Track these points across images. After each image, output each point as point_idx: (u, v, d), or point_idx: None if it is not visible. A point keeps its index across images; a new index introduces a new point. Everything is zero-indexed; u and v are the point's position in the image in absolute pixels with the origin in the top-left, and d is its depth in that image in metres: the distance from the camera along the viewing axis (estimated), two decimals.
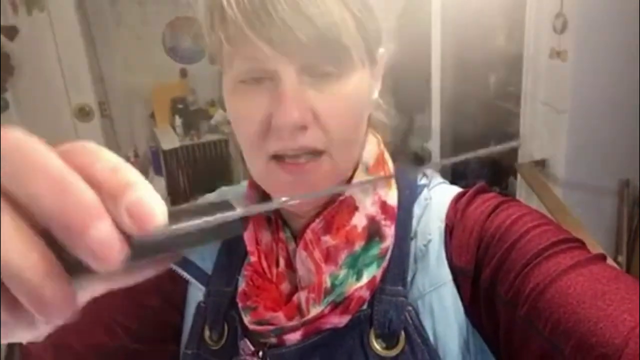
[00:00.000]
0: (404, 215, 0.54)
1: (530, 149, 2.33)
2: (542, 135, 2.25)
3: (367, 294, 0.50)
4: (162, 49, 3.51)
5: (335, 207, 0.51)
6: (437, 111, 2.73)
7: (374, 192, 0.53)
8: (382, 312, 0.50)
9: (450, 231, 0.52)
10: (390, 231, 0.52)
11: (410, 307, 0.49)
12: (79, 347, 0.56)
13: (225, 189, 0.69)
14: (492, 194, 0.54)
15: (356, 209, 0.52)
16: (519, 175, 2.38)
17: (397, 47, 0.56)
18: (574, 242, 0.45)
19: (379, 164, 0.55)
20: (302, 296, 0.51)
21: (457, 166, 2.84)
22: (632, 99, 2.03)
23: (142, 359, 0.59)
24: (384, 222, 0.52)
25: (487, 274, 0.47)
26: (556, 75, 2.10)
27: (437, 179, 0.58)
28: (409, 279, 0.51)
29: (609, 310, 0.38)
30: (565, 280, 0.41)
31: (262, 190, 0.54)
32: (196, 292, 0.60)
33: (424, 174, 0.58)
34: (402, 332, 0.49)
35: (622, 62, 1.99)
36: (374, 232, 0.52)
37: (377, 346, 0.49)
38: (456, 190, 0.57)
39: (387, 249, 0.51)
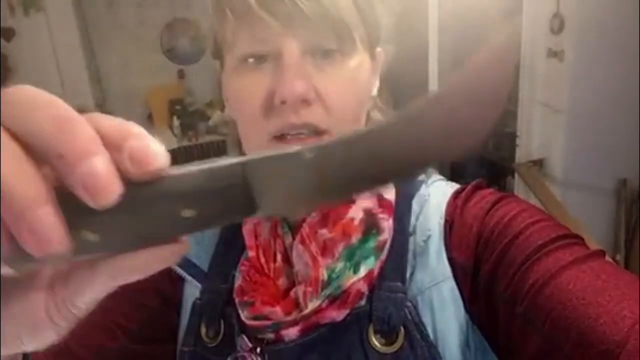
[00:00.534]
0: (402, 211, 0.54)
1: (528, 148, 2.33)
2: (540, 135, 2.25)
3: (365, 287, 0.50)
4: (160, 51, 3.51)
5: None
6: None
7: None
8: (381, 308, 0.49)
9: (449, 227, 0.52)
10: (387, 224, 0.52)
11: (409, 303, 0.49)
12: (79, 350, 0.55)
13: None
14: (490, 190, 0.54)
15: (352, 202, 0.52)
16: (516, 174, 2.38)
17: (396, 49, 0.56)
18: (573, 238, 0.45)
19: None
20: (299, 290, 0.51)
21: (455, 166, 2.84)
22: (629, 98, 2.03)
23: None
24: (380, 215, 0.52)
25: (486, 270, 0.47)
26: (553, 75, 2.10)
27: (436, 175, 0.58)
28: (408, 275, 0.51)
29: (609, 306, 0.38)
30: (565, 276, 0.41)
31: None
32: (192, 290, 0.59)
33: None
34: (402, 328, 0.49)
35: (619, 62, 1.99)
36: (370, 225, 0.51)
37: (376, 342, 0.49)
38: (454, 186, 0.57)
39: (385, 242, 0.51)
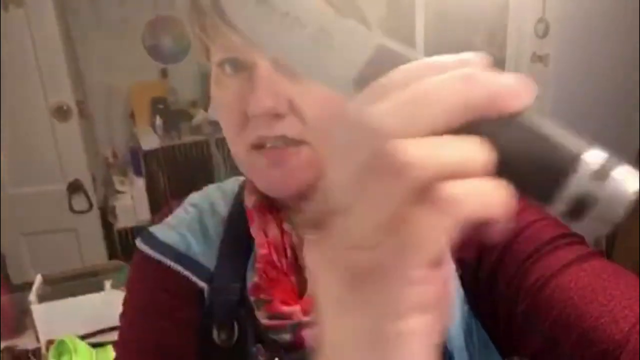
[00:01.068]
0: None
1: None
2: None
3: None
4: (142, 48, 3.46)
5: None
6: None
7: None
8: None
9: None
10: None
11: None
12: None
13: (212, 187, 0.68)
14: None
15: None
16: None
17: None
18: (574, 237, 0.45)
19: None
20: None
21: None
22: (613, 103, 2.06)
23: None
24: None
25: (488, 268, 0.46)
26: (538, 79, 2.12)
27: None
28: None
29: (610, 305, 0.38)
30: (566, 275, 0.41)
31: None
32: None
33: None
34: None
35: (604, 67, 2.02)
36: None
37: None
38: None
39: None
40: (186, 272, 0.57)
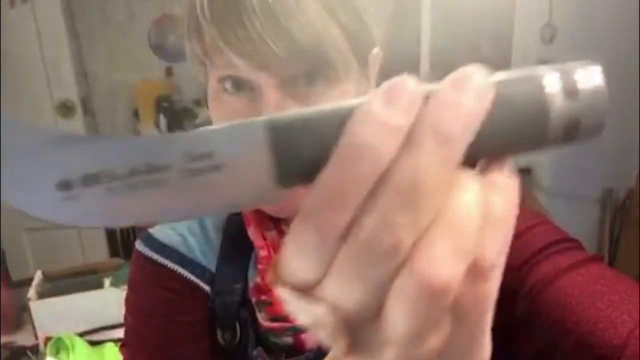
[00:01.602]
0: None
1: (515, 157, 2.34)
2: None
3: None
4: (148, 46, 3.47)
5: None
6: None
7: None
8: None
9: None
10: None
11: None
12: None
13: None
14: None
15: None
16: None
17: (386, 55, 0.55)
18: (572, 242, 0.45)
19: None
20: None
21: None
22: (617, 109, 2.05)
23: None
24: None
25: None
26: None
27: None
28: None
29: (608, 311, 0.38)
30: (564, 280, 0.41)
31: None
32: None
33: None
34: None
35: (610, 73, 2.02)
36: None
37: None
38: None
39: None
40: (189, 275, 0.56)
